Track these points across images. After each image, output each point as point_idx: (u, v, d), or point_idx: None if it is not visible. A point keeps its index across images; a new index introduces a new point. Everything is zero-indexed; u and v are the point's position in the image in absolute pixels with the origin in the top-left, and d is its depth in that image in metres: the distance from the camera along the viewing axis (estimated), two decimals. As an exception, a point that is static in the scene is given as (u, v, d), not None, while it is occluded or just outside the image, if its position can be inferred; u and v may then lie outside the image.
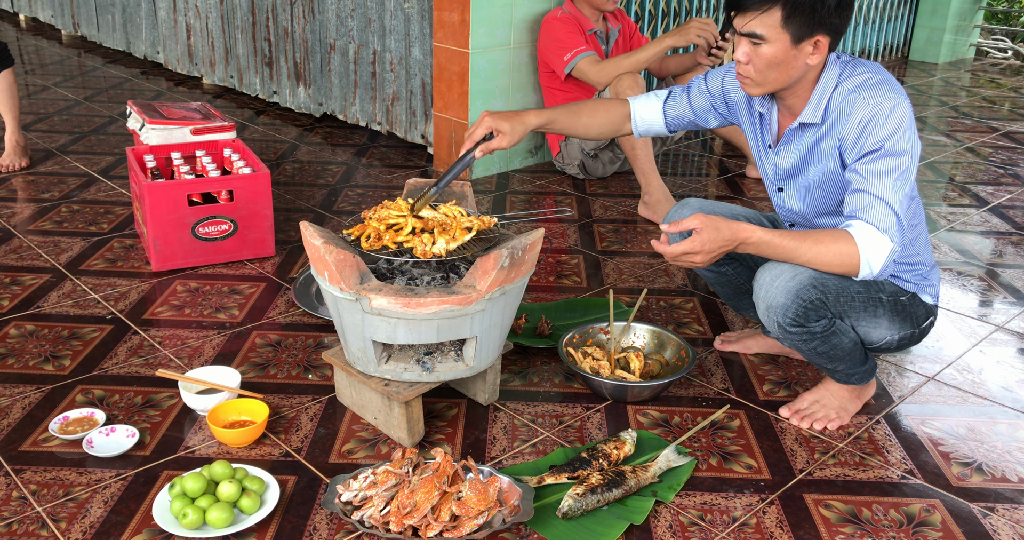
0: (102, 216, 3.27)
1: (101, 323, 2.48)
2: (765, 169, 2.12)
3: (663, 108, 2.23)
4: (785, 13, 1.78)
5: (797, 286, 1.85)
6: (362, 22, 4.14)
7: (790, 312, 1.86)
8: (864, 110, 1.82)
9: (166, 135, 3.07)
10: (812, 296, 1.85)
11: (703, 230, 1.79)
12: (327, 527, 1.72)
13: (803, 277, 1.85)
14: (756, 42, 1.83)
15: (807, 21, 1.78)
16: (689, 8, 4.63)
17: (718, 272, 2.24)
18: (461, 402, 2.15)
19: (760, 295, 1.91)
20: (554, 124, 2.15)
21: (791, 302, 1.85)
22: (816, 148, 1.95)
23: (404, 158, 4.10)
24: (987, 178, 4.02)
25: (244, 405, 2.01)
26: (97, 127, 4.44)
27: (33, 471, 1.86)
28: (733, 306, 2.36)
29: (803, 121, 1.93)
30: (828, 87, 1.89)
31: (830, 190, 1.98)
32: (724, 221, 1.80)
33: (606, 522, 1.73)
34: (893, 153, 1.80)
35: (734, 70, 2.09)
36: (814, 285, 1.85)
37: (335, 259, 1.81)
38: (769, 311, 1.90)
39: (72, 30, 6.51)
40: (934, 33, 6.59)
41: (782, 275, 1.87)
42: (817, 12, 1.78)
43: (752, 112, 2.09)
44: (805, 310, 1.86)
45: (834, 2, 1.78)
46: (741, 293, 2.28)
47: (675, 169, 4.09)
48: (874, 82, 1.84)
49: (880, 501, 1.84)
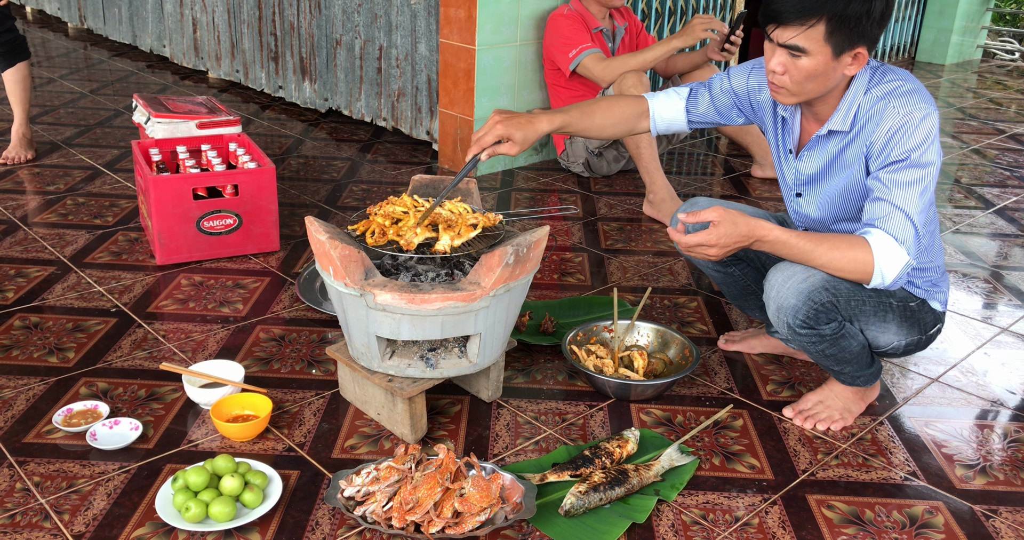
0: (107, 209, 3.27)
1: (105, 316, 2.48)
2: (784, 173, 2.09)
3: (685, 106, 2.18)
4: (830, 28, 1.74)
5: (809, 288, 1.83)
6: (368, 17, 4.14)
7: (800, 314, 1.86)
8: (894, 119, 1.80)
9: (172, 129, 3.07)
10: (824, 299, 1.84)
11: (721, 223, 1.76)
12: (329, 522, 1.72)
13: (815, 279, 1.84)
14: (795, 54, 1.78)
15: (851, 34, 1.75)
16: (695, 6, 4.62)
17: (725, 272, 2.23)
18: (464, 399, 2.15)
19: (771, 296, 1.90)
20: (568, 127, 2.10)
21: (802, 304, 1.85)
22: (842, 155, 1.92)
23: (409, 154, 4.10)
24: (993, 180, 4.01)
25: (247, 399, 2.01)
26: (103, 120, 4.44)
27: (37, 463, 1.86)
28: (739, 306, 2.36)
29: (832, 128, 1.90)
30: (858, 94, 1.86)
31: (852, 198, 1.96)
32: (742, 216, 1.77)
33: (608, 520, 1.73)
34: (919, 164, 1.77)
35: (758, 67, 2.07)
36: (826, 288, 1.84)
37: (340, 254, 1.81)
38: (780, 312, 1.89)
39: (78, 23, 6.51)
40: (941, 34, 6.58)
41: (794, 277, 1.85)
42: (862, 25, 1.74)
43: (775, 115, 2.06)
44: (816, 312, 1.85)
45: (879, 14, 1.74)
46: (747, 294, 2.28)
47: (680, 168, 4.08)
48: (905, 90, 1.82)
49: (883, 502, 1.84)
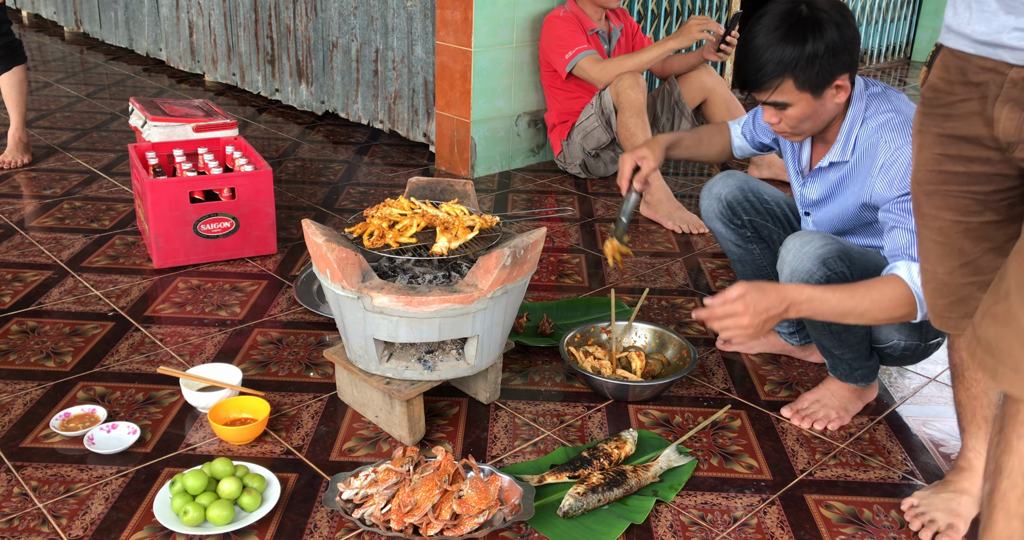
0: (104, 213, 3.27)
1: (103, 320, 2.48)
2: (796, 192, 2.17)
3: (741, 131, 2.30)
4: (797, 79, 1.81)
5: (825, 254, 1.86)
6: (365, 20, 4.14)
7: (813, 279, 1.87)
8: (887, 154, 1.85)
9: (168, 132, 3.07)
10: (838, 267, 1.86)
11: (747, 292, 1.69)
12: (328, 525, 1.72)
13: (832, 247, 1.87)
14: (780, 108, 1.87)
15: (820, 74, 1.80)
16: (691, 7, 4.63)
17: (746, 248, 2.26)
18: (462, 401, 2.15)
19: (786, 259, 1.92)
20: (680, 143, 2.23)
21: (816, 268, 1.87)
22: (842, 183, 1.99)
23: (406, 156, 4.10)
24: (989, 179, 4.01)
25: (245, 402, 2.01)
26: (99, 124, 4.44)
27: (34, 467, 1.86)
28: None
29: (832, 160, 1.96)
30: (855, 123, 1.91)
31: (848, 221, 2.03)
32: (769, 284, 1.73)
33: (607, 521, 1.73)
34: None
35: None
36: (841, 258, 1.86)
37: (337, 257, 1.81)
38: (793, 275, 1.91)
39: (74, 27, 6.51)
40: (937, 34, 6.57)
41: (812, 242, 1.88)
42: (825, 63, 1.79)
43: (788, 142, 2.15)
44: (828, 279, 1.87)
45: (838, 46, 1.79)
46: (761, 276, 2.29)
47: (677, 169, 4.09)
48: (896, 123, 1.85)
49: (881, 502, 1.84)
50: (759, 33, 1.82)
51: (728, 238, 2.27)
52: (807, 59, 1.78)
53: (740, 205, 2.19)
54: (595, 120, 3.54)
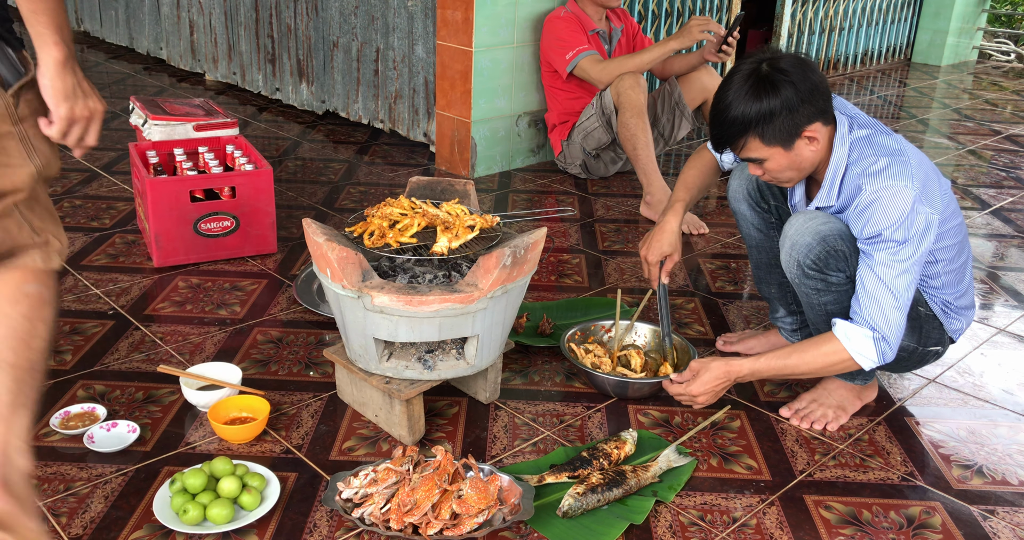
0: (104, 212, 3.27)
1: (103, 318, 2.48)
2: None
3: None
4: (763, 136, 1.84)
5: (827, 232, 1.90)
6: (365, 19, 4.14)
7: (812, 254, 1.91)
8: (862, 197, 1.85)
9: (169, 131, 3.07)
10: (838, 246, 1.90)
11: (700, 371, 1.99)
12: (327, 524, 1.72)
13: (834, 226, 1.90)
14: (757, 162, 1.91)
15: (784, 130, 1.83)
16: (692, 8, 4.63)
17: (767, 234, 2.26)
18: (462, 400, 2.15)
19: (788, 234, 1.96)
20: (691, 200, 2.29)
21: (816, 243, 1.90)
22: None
23: (406, 156, 4.10)
24: (989, 181, 4.02)
25: (245, 401, 2.01)
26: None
27: (34, 466, 1.85)
28: (758, 278, 2.34)
29: (818, 205, 1.98)
30: (839, 169, 1.91)
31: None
32: (716, 360, 1.99)
33: (606, 521, 1.73)
34: (892, 240, 1.82)
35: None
36: (842, 238, 1.90)
37: (337, 256, 1.81)
38: (793, 250, 1.94)
39: (75, 25, 6.51)
40: (937, 35, 6.59)
41: (815, 219, 1.92)
42: (787, 118, 1.82)
43: None
44: (827, 255, 1.90)
45: (799, 99, 1.80)
46: (773, 266, 2.28)
47: (677, 169, 4.09)
48: (877, 169, 1.85)
49: (880, 503, 1.84)
50: (727, 92, 1.85)
51: (751, 221, 2.26)
52: (765, 116, 1.81)
53: (770, 189, 2.21)
54: (596, 120, 3.54)
